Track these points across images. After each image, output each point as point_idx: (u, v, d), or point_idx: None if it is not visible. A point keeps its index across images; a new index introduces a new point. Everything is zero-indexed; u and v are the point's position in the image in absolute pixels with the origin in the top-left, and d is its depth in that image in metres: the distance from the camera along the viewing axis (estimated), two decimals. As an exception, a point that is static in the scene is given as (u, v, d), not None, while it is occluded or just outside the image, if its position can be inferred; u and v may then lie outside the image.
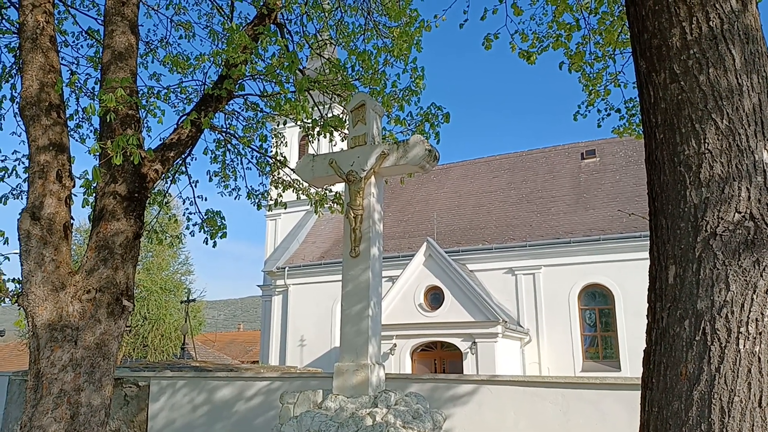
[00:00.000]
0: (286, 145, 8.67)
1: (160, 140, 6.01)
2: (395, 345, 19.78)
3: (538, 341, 20.44)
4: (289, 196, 8.40)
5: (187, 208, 7.60)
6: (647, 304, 2.64)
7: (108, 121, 5.27)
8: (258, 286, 28.64)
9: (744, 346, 2.27)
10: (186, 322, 15.45)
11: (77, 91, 7.39)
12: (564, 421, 6.84)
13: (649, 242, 2.65)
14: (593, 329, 20.59)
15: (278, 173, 8.04)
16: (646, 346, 2.61)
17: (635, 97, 5.75)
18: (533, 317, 20.70)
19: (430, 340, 19.67)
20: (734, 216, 2.32)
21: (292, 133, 25.52)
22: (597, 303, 20.61)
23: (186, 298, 16.26)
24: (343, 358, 5.08)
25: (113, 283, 5.24)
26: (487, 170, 26.56)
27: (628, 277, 19.37)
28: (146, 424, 9.46)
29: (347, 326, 5.15)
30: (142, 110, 6.19)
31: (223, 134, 6.81)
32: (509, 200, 24.21)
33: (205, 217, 7.65)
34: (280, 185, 7.59)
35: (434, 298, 19.92)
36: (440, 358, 19.91)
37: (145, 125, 7.10)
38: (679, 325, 2.39)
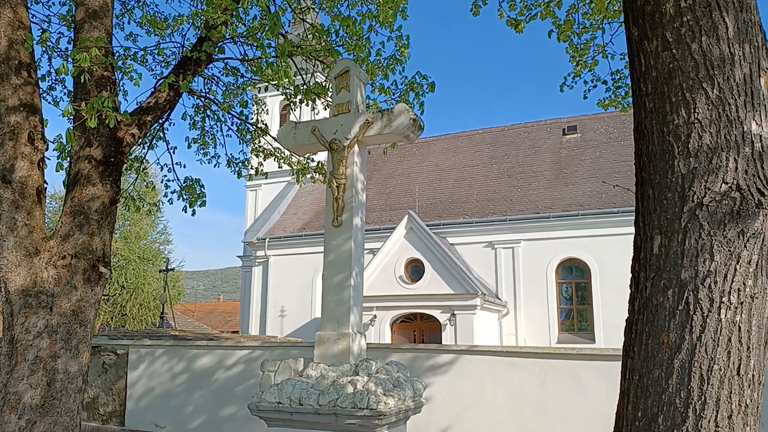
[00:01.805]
0: (268, 113, 8.49)
1: (137, 104, 5.83)
2: (375, 316, 19.93)
3: (515, 313, 20.76)
4: (271, 165, 8.26)
5: (165, 175, 7.44)
6: (630, 274, 2.64)
7: (82, 82, 5.08)
8: (238, 256, 28.49)
9: (725, 315, 2.29)
10: (165, 291, 15.32)
11: (49, 51, 7.12)
12: (541, 391, 6.98)
13: (634, 213, 2.65)
14: (569, 302, 20.97)
15: (259, 141, 7.90)
16: (628, 315, 2.62)
17: (622, 69, 5.73)
18: (511, 290, 20.98)
19: (410, 311, 19.85)
20: (721, 186, 2.31)
21: (273, 102, 25.12)
22: (574, 277, 20.95)
23: (165, 267, 16.07)
24: (325, 327, 5.07)
25: (89, 250, 5.13)
26: (469, 144, 26.53)
27: (605, 251, 19.71)
28: (125, 392, 9.43)
29: (329, 295, 5.12)
30: (118, 72, 5.99)
31: (203, 99, 6.63)
32: (490, 174, 24.28)
33: (183, 185, 7.51)
34: (261, 153, 7.46)
35: (415, 270, 20.05)
36: (420, 329, 20.15)
37: (122, 88, 6.87)
38: (662, 294, 2.40)
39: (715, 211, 2.32)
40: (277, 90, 6.09)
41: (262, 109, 7.83)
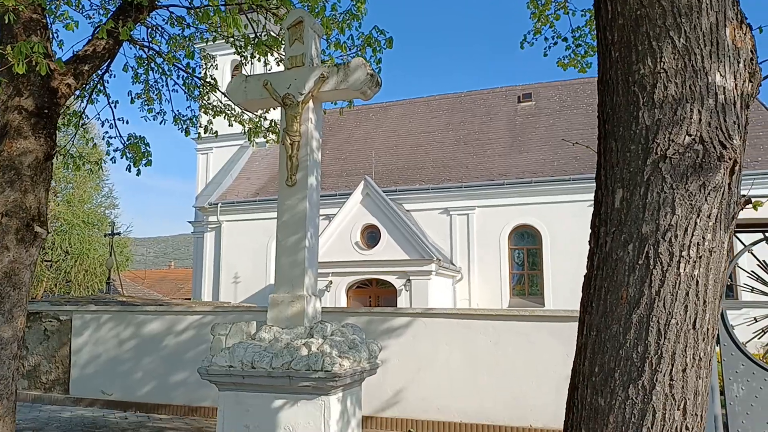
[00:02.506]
0: (217, 69, 8.08)
1: (74, 53, 5.40)
2: (331, 282, 19.87)
3: (469, 279, 21.10)
4: (222, 127, 7.90)
5: (107, 132, 7.02)
6: (590, 230, 2.60)
7: (7, 23, 4.65)
8: (189, 222, 27.74)
9: (684, 269, 2.27)
10: (111, 256, 14.75)
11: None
12: (495, 351, 7.08)
13: (596, 167, 2.58)
14: (521, 267, 21.45)
15: (208, 98, 7.53)
16: (587, 271, 2.58)
17: (583, 27, 5.65)
18: (465, 256, 21.27)
19: (366, 277, 19.88)
20: (685, 139, 2.26)
21: (224, 62, 24.17)
22: (526, 243, 21.39)
23: (110, 231, 15.42)
24: (279, 289, 4.92)
25: (22, 208, 4.79)
26: (426, 110, 26.38)
27: (556, 218, 20.15)
28: (69, 359, 9.08)
29: (283, 257, 4.97)
30: (50, 16, 5.52)
31: (146, 50, 6.21)
32: (447, 141, 24.28)
33: (127, 143, 7.11)
34: (210, 111, 7.11)
35: (371, 236, 20.00)
36: (375, 294, 20.24)
37: (56, 36, 6.38)
38: (622, 249, 2.36)
39: (678, 163, 2.27)
40: (226, 43, 5.73)
41: (212, 65, 7.44)
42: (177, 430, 7.31)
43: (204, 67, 7.78)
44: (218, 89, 6.89)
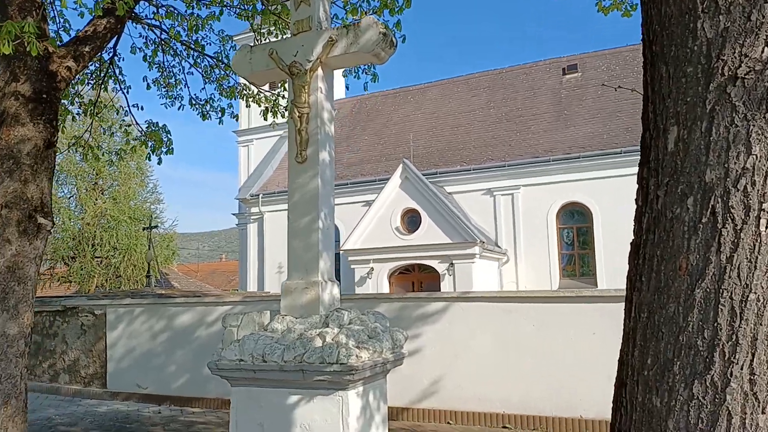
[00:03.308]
0: (234, 49, 7.73)
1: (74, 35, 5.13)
2: (372, 269, 19.55)
3: (515, 261, 20.35)
4: (261, 119, 7.53)
5: (124, 119, 6.79)
6: (637, 185, 2.05)
7: (2, 4, 4.40)
8: (233, 214, 27.97)
9: (766, 228, 1.70)
10: (150, 249, 14.85)
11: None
12: (539, 336, 6.51)
13: (642, 103, 2.03)
14: (570, 248, 20.51)
15: (226, 80, 7.18)
16: (634, 237, 2.04)
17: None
18: (511, 237, 20.50)
19: (408, 263, 19.45)
20: (763, 51, 1.68)
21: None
22: (575, 221, 20.42)
23: (148, 225, 15.54)
24: (292, 275, 4.53)
25: (23, 198, 4.55)
26: (465, 89, 25.55)
27: (606, 194, 19.09)
28: (105, 353, 9.05)
29: (295, 240, 4.56)
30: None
31: (148, 27, 5.89)
32: (488, 119, 23.43)
33: (147, 131, 6.86)
34: (225, 92, 6.76)
35: (411, 220, 19.52)
36: (418, 280, 19.78)
37: (60, 23, 6.14)
38: (679, 204, 1.81)
39: (754, 86, 1.69)
40: (229, 13, 5.34)
41: (230, 46, 7.07)
42: (208, 423, 7.10)
43: (222, 49, 7.44)
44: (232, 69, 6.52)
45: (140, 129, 6.85)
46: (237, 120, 7.31)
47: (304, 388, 4.00)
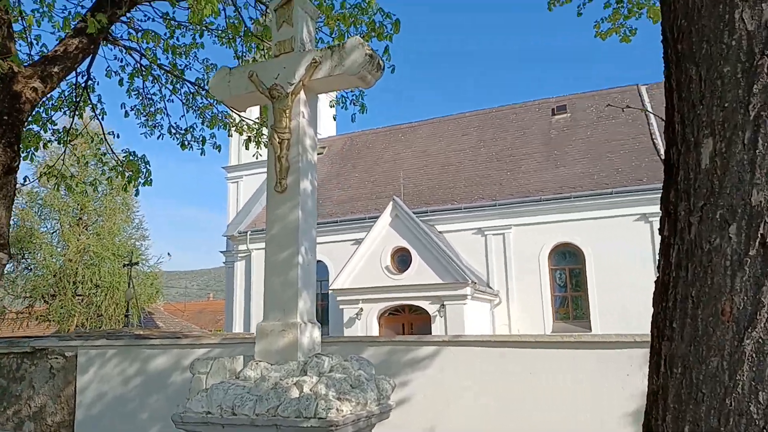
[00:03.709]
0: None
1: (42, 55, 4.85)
2: (362, 309, 19.02)
3: (507, 302, 19.91)
4: (249, 155, 7.24)
5: (98, 147, 6.47)
6: (660, 210, 1.73)
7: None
8: (221, 252, 27.45)
9: (832, 261, 1.37)
10: (129, 287, 14.32)
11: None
12: (534, 384, 6.08)
13: (665, 114, 1.72)
14: (563, 289, 20.13)
15: (210, 110, 6.92)
16: (659, 273, 1.71)
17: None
18: (503, 278, 20.12)
19: (398, 303, 18.95)
20: (819, 46, 1.39)
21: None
22: (567, 262, 20.11)
23: (128, 261, 15.04)
24: (268, 316, 4.15)
25: (-24, 229, 4.17)
26: (456, 128, 25.60)
27: (599, 235, 18.86)
28: (74, 399, 8.45)
29: (272, 277, 4.20)
30: (20, 20, 5.01)
31: (125, 50, 5.64)
32: (479, 158, 23.38)
33: (123, 160, 6.55)
34: (204, 119, 6.48)
35: (401, 260, 19.12)
36: (408, 321, 19.24)
37: (39, 48, 5.87)
38: (719, 233, 1.48)
39: (809, 87, 1.39)
40: (209, 33, 5.11)
41: (209, 67, 6.82)
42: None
43: (206, 76, 7.21)
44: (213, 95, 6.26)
45: (116, 159, 6.53)
46: (219, 151, 7.03)
47: (277, 444, 3.56)
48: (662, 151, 19.44)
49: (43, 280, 22.89)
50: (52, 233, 23.78)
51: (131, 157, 6.53)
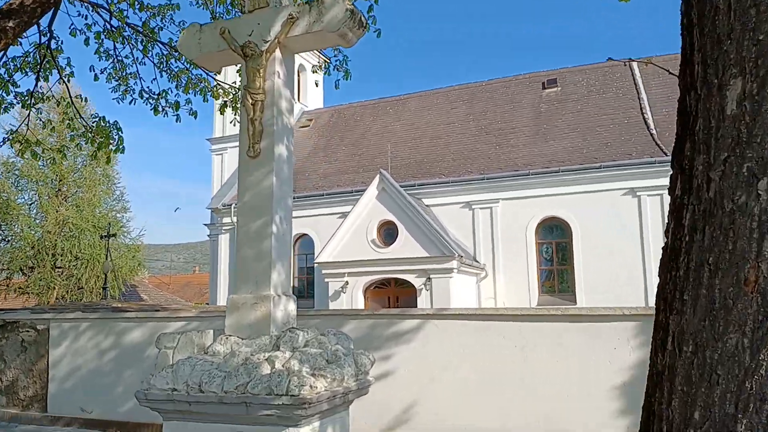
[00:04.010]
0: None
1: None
2: (347, 283, 18.87)
3: (494, 276, 19.87)
4: (233, 128, 6.90)
5: (65, 112, 6.11)
6: (671, 166, 1.50)
7: None
8: (205, 225, 27.04)
9: None
10: (107, 259, 14.00)
11: None
12: (522, 358, 5.94)
13: (680, 54, 1.48)
14: (550, 263, 20.10)
15: (186, 74, 6.55)
16: (668, 239, 1.48)
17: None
18: (490, 252, 20.03)
19: (384, 277, 18.82)
20: None
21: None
22: (554, 236, 20.04)
23: (106, 233, 14.70)
24: (239, 288, 3.91)
25: None
26: (445, 101, 25.19)
27: (586, 209, 18.77)
28: (47, 373, 8.23)
29: (244, 248, 3.95)
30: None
31: (92, 7, 5.26)
32: (467, 132, 23.06)
33: (93, 126, 6.20)
34: (176, 81, 6.13)
35: (388, 233, 18.93)
36: (394, 295, 19.15)
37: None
38: (745, 190, 1.26)
39: None
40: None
41: (178, 26, 6.42)
42: (154, 454, 6.36)
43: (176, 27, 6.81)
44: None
45: (85, 124, 6.18)
46: (195, 117, 6.68)
47: (247, 423, 3.36)
48: (652, 126, 19.29)
49: (21, 252, 22.41)
50: (30, 204, 23.23)
51: (102, 124, 6.19)
